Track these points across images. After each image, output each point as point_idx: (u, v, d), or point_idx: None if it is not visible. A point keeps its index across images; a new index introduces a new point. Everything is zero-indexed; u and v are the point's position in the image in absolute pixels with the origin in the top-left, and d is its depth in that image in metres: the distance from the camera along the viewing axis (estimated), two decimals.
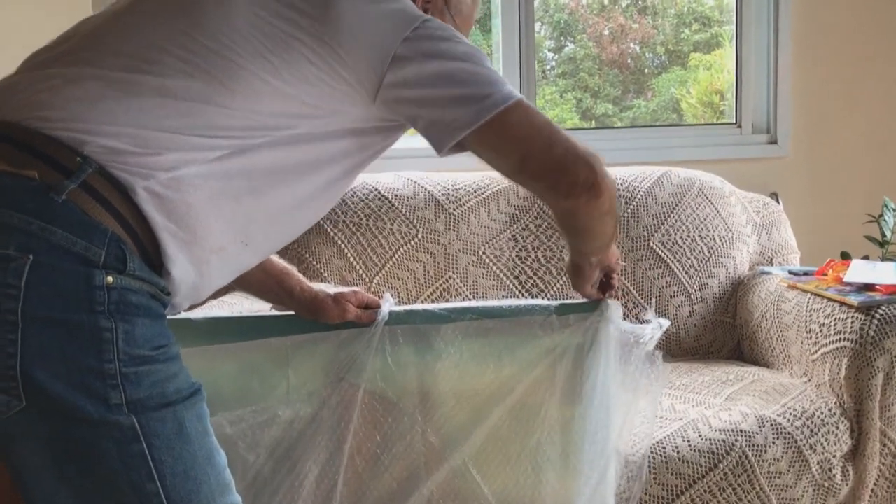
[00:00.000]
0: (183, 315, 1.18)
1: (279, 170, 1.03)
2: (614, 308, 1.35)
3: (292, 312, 1.37)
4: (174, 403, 0.93)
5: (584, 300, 1.38)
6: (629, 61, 3.53)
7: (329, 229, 2.14)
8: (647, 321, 1.37)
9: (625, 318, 1.36)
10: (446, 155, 1.10)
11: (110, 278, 0.89)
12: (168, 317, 0.99)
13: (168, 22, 1.02)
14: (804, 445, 1.62)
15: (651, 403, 1.38)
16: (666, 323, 1.37)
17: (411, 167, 2.27)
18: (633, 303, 2.16)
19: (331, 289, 1.38)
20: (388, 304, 1.36)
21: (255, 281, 1.35)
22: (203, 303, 1.75)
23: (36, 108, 0.93)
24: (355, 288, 1.42)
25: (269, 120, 1.00)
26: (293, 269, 1.38)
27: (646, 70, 3.52)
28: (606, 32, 3.48)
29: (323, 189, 1.11)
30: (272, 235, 1.11)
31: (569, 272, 1.35)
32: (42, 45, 1.07)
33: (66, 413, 0.88)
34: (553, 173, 1.09)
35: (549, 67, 3.48)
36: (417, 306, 2.06)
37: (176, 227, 0.94)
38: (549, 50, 3.50)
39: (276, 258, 1.38)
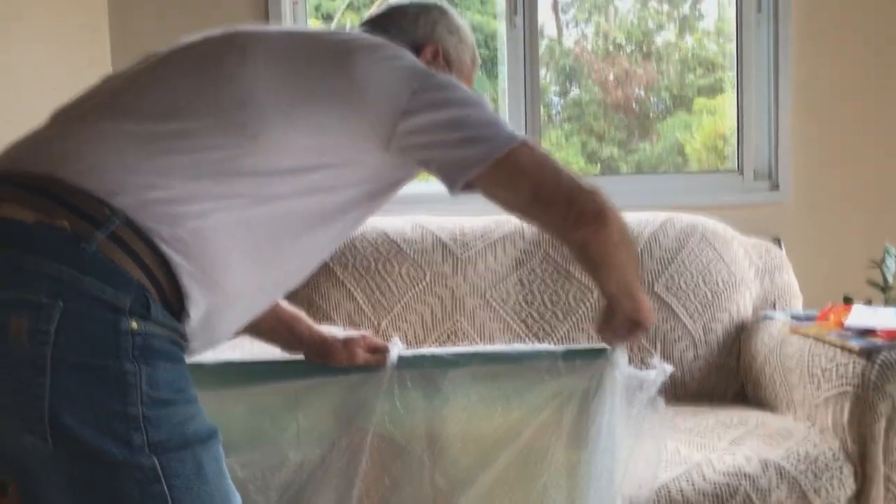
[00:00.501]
0: (195, 359, 1.21)
1: (297, 218, 1.08)
2: (619, 354, 1.37)
3: (302, 356, 1.39)
4: (193, 444, 0.96)
5: (590, 346, 1.40)
6: (634, 105, 3.58)
7: (338, 272, 2.18)
8: (652, 366, 1.39)
9: (630, 363, 1.38)
10: (458, 194, 1.14)
11: (135, 324, 0.92)
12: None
13: (192, 77, 1.07)
14: (808, 489, 1.63)
15: (656, 448, 1.40)
16: (670, 368, 1.39)
17: (419, 212, 2.31)
18: (638, 346, 2.18)
19: (340, 332, 1.41)
20: (397, 349, 1.38)
21: (267, 327, 1.38)
22: None
23: (67, 160, 0.97)
24: (364, 332, 1.44)
25: (289, 170, 1.05)
26: (302, 314, 1.41)
27: (650, 114, 3.57)
28: (611, 77, 3.53)
29: (337, 233, 1.17)
30: (286, 280, 1.15)
31: (598, 316, 1.36)
32: (61, 95, 1.12)
33: (92, 455, 0.90)
34: (561, 206, 1.13)
35: (554, 111, 3.53)
36: (425, 350, 2.08)
37: (199, 271, 0.98)
38: (555, 94, 3.55)
39: (285, 303, 1.41)
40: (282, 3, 2.57)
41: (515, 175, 1.12)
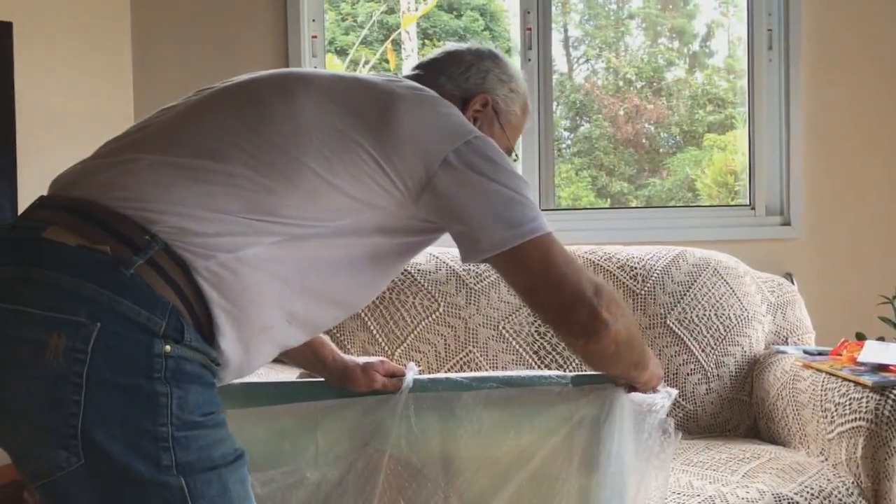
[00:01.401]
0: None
1: (324, 259, 1.09)
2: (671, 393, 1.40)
3: (322, 379, 1.42)
4: (220, 467, 0.98)
5: (602, 373, 1.42)
6: (644, 141, 3.61)
7: None
8: (657, 390, 1.40)
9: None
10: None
11: (168, 347, 0.95)
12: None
13: (238, 116, 1.11)
14: None
15: (663, 470, 1.40)
16: (674, 392, 1.40)
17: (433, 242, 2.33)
18: None
19: (360, 359, 1.44)
20: (413, 373, 1.41)
21: (293, 350, 1.40)
22: None
23: (113, 188, 1.02)
24: (382, 358, 1.47)
25: (322, 212, 1.07)
26: (328, 339, 1.44)
27: (660, 149, 3.59)
28: (622, 112, 3.57)
29: (367, 280, 1.18)
30: (317, 317, 1.17)
31: None
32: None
33: (120, 472, 0.92)
34: (556, 311, 1.14)
35: (564, 146, 3.56)
36: (440, 375, 2.09)
37: (229, 304, 1.01)
38: (565, 129, 3.58)
39: None
40: (301, 36, 2.62)
41: (521, 268, 1.12)
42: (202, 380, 0.99)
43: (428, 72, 1.33)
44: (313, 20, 2.70)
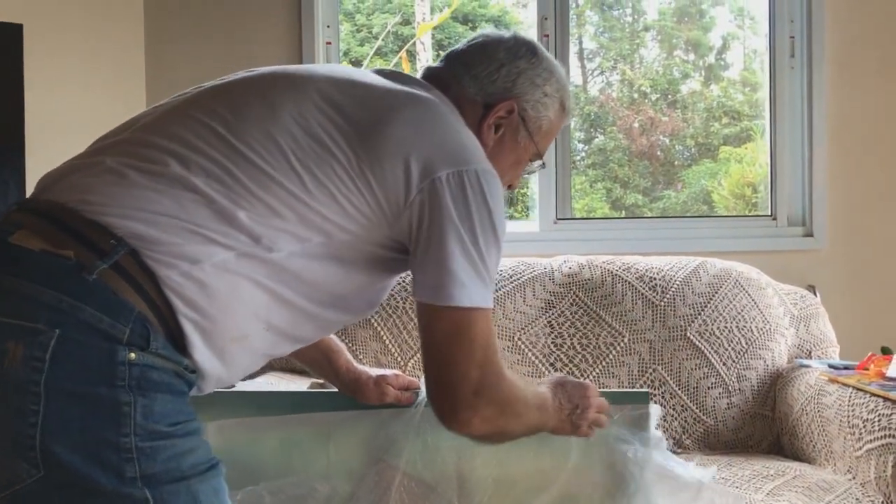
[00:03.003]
0: (237, 388, 1.19)
1: (294, 272, 1.05)
2: (653, 409, 1.35)
3: (335, 389, 1.39)
4: (189, 478, 0.94)
5: (623, 391, 1.38)
6: (659, 153, 3.58)
7: None
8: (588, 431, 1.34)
9: (662, 408, 1.34)
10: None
11: (133, 355, 0.92)
12: (222, 389, 1.01)
13: (210, 122, 1.06)
14: None
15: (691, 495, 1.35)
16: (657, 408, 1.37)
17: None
18: (671, 393, 2.13)
19: (374, 371, 1.40)
20: None
21: (307, 355, 1.38)
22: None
23: (80, 191, 0.99)
24: (396, 371, 1.44)
25: (289, 228, 1.03)
26: (343, 348, 1.40)
27: (675, 162, 3.57)
28: (636, 125, 3.54)
29: (340, 294, 1.12)
30: (296, 329, 1.12)
31: None
32: (98, 132, 1.13)
33: (82, 484, 0.90)
34: (432, 382, 1.10)
35: (579, 158, 3.54)
36: None
37: (196, 314, 0.98)
38: (580, 141, 3.56)
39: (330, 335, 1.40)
40: (315, 43, 2.60)
41: (430, 329, 1.09)
42: (172, 388, 0.96)
43: (453, 67, 1.26)
44: (328, 26, 2.68)
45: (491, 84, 1.24)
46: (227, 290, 0.99)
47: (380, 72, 1.22)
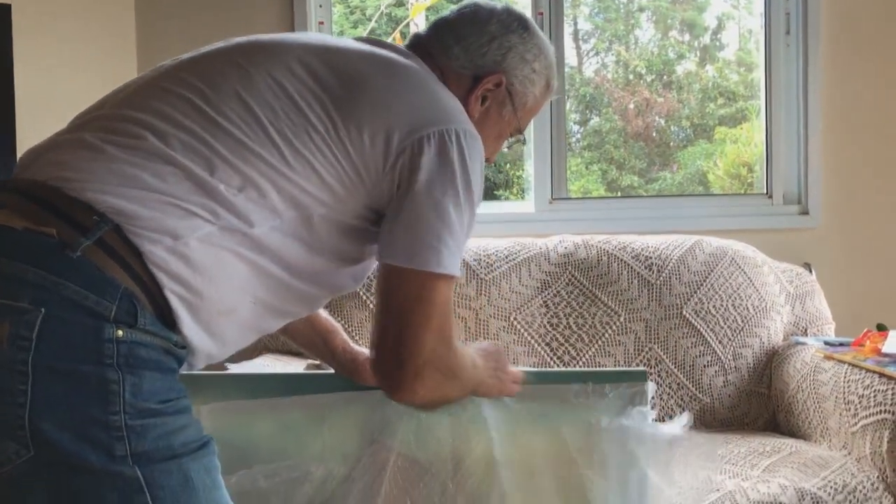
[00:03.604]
0: (232, 370, 1.18)
1: (275, 251, 1.04)
2: (649, 383, 1.35)
3: (332, 371, 1.38)
4: (180, 456, 0.93)
5: (620, 370, 1.37)
6: (654, 134, 3.57)
7: (361, 293, 2.15)
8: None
9: (657, 387, 1.33)
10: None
11: (120, 332, 0.91)
12: (215, 372, 1.00)
13: (187, 94, 1.04)
14: None
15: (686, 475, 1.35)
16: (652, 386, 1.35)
17: None
18: (667, 372, 2.13)
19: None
20: None
21: (303, 336, 1.37)
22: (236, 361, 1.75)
23: (59, 168, 0.97)
24: None
25: (267, 202, 1.01)
26: (339, 329, 1.39)
27: (671, 143, 3.56)
28: (632, 106, 3.53)
29: (328, 272, 1.11)
30: (285, 304, 1.11)
31: None
32: (84, 107, 1.12)
33: (71, 463, 0.88)
34: (380, 341, 1.08)
35: (574, 140, 3.52)
36: None
37: (181, 288, 0.96)
38: (575, 123, 3.54)
39: (325, 315, 1.40)
40: (308, 21, 2.58)
41: (392, 289, 1.07)
42: (161, 365, 0.95)
43: (441, 37, 1.24)
44: (320, 6, 2.66)
45: (481, 56, 1.23)
46: (213, 264, 0.98)
47: (359, 39, 1.21)
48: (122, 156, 0.97)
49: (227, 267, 0.99)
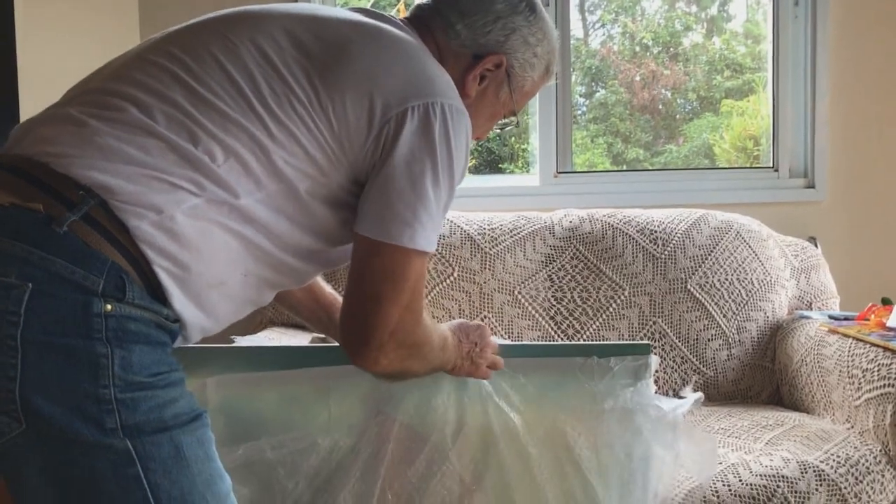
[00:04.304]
0: (237, 343, 1.18)
1: (262, 224, 1.03)
2: (653, 357, 1.35)
3: (336, 343, 1.37)
4: (171, 428, 0.94)
5: (625, 343, 1.38)
6: (660, 107, 3.55)
7: None
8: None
9: (661, 360, 1.34)
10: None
11: (109, 306, 0.91)
12: (221, 345, 1.00)
13: (168, 65, 1.04)
14: (849, 494, 1.58)
15: (695, 449, 1.36)
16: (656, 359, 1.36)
17: None
18: (671, 345, 2.14)
19: None
20: None
21: (305, 308, 1.38)
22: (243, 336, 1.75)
23: (45, 143, 0.97)
24: None
25: (251, 174, 1.01)
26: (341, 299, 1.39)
27: (677, 116, 3.53)
28: (638, 78, 3.50)
29: (319, 251, 1.11)
30: (276, 277, 1.11)
31: None
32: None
33: (63, 436, 0.90)
34: (350, 311, 1.08)
35: (579, 112, 3.50)
36: None
37: (169, 263, 0.96)
38: (580, 95, 3.52)
39: (328, 289, 1.40)
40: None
41: (368, 262, 1.06)
42: (150, 339, 0.95)
43: (444, 12, 1.22)
44: None
45: (484, 35, 1.21)
46: (199, 238, 0.98)
47: (355, 9, 1.19)
48: (106, 129, 0.97)
49: (215, 240, 0.99)
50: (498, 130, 1.40)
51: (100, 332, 0.91)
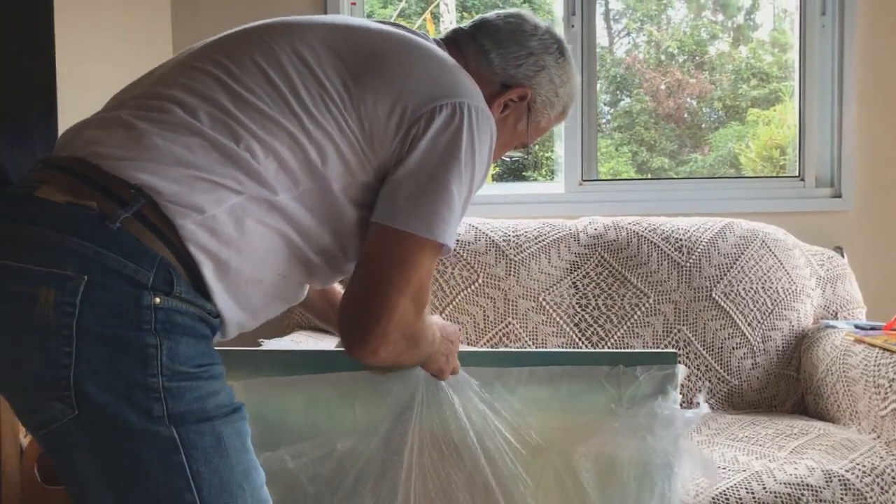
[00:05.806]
0: (265, 347, 1.20)
1: (298, 221, 1.07)
2: (680, 367, 1.35)
3: None
4: (213, 419, 0.98)
5: (650, 351, 1.38)
6: (686, 115, 3.54)
7: None
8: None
9: (687, 368, 1.33)
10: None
11: (158, 299, 0.95)
12: (249, 348, 1.03)
13: (211, 70, 1.09)
14: (874, 503, 1.58)
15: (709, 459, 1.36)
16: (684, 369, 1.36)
17: (472, 213, 2.30)
18: (696, 354, 2.14)
19: None
20: None
21: (319, 309, 1.43)
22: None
23: (96, 145, 1.02)
24: None
25: (289, 171, 1.05)
26: None
27: (703, 125, 3.52)
28: (663, 87, 3.50)
29: (336, 252, 1.14)
30: (306, 274, 1.14)
31: None
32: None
33: (113, 422, 0.94)
34: (357, 303, 1.08)
35: (604, 121, 3.51)
36: (481, 349, 2.06)
37: (211, 259, 1.00)
38: (605, 104, 3.52)
39: (338, 288, 1.43)
40: (340, 2, 2.59)
41: (378, 249, 1.08)
42: (195, 332, 1.00)
43: (481, 39, 1.28)
44: None
45: (515, 67, 1.27)
46: (239, 236, 1.02)
47: (384, 22, 1.24)
48: (153, 130, 1.02)
49: (254, 237, 1.03)
50: (505, 159, 1.45)
51: (149, 324, 0.95)
